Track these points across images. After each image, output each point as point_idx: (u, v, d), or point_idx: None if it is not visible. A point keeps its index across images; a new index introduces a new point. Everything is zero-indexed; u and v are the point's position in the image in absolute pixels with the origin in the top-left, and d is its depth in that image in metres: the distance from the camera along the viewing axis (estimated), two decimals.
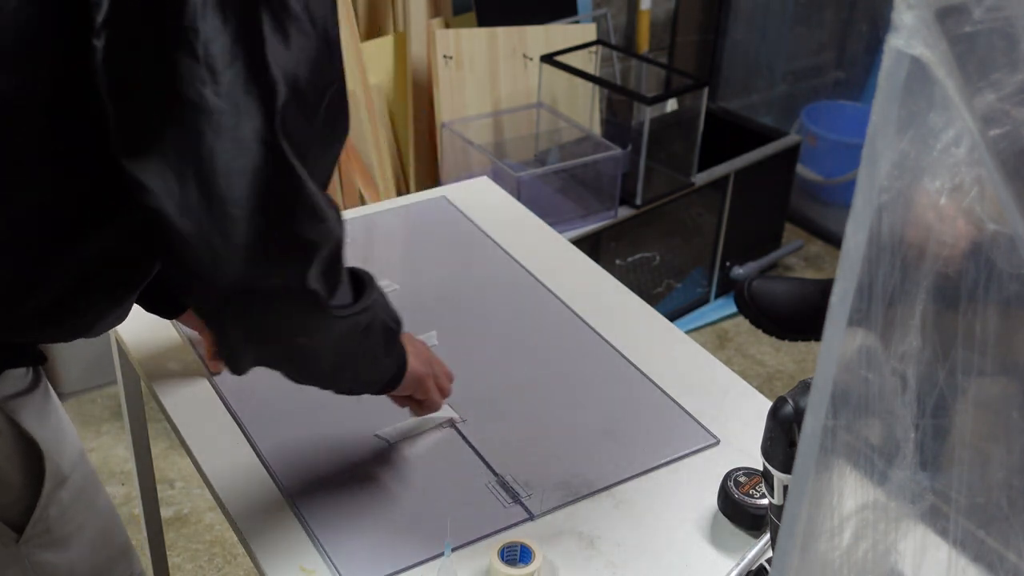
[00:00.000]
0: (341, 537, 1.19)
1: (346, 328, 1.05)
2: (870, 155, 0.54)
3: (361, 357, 1.14)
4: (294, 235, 0.95)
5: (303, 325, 1.02)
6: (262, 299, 0.96)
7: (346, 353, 1.10)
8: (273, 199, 0.92)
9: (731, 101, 3.53)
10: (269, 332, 1.02)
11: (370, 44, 2.67)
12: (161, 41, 0.88)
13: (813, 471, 0.60)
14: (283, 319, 1.00)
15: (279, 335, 1.03)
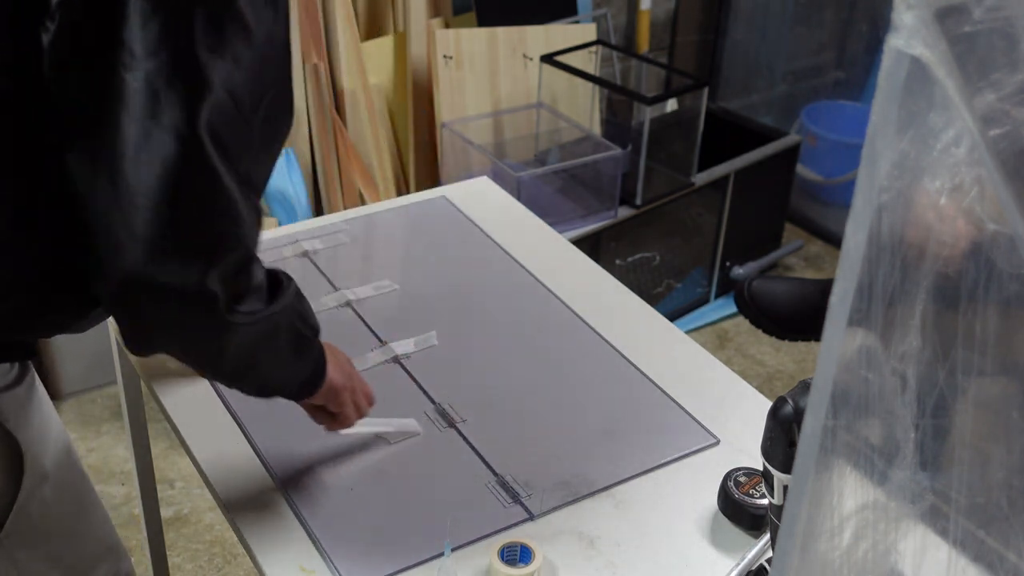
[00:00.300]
0: (341, 537, 1.19)
1: (249, 335, 1.03)
2: (870, 155, 0.54)
3: (266, 362, 1.10)
4: (200, 234, 0.93)
5: (199, 327, 0.99)
6: (158, 294, 0.93)
7: (247, 357, 1.07)
8: (183, 195, 0.90)
9: (731, 101, 3.53)
10: (164, 328, 1.00)
11: (370, 44, 2.67)
12: (96, 25, 0.88)
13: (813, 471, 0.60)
14: (177, 318, 0.97)
15: (173, 333, 1.01)
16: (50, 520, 1.18)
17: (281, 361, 1.11)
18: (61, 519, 1.19)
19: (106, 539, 1.28)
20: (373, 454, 1.31)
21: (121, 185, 0.89)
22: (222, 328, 0.99)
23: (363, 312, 1.56)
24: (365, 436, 1.34)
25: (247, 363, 1.08)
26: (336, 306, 1.57)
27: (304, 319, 1.13)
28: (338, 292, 1.59)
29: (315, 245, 1.70)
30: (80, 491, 1.24)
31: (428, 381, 1.43)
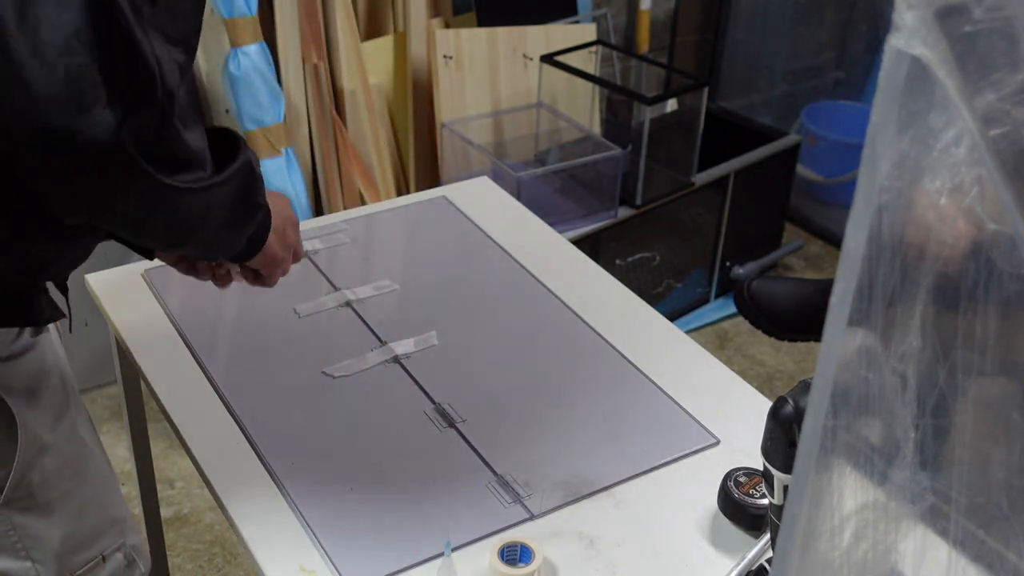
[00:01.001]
0: (341, 537, 1.19)
1: (188, 204, 1.01)
2: (870, 155, 0.54)
3: (203, 231, 1.09)
4: (108, 85, 0.90)
5: (121, 188, 0.97)
6: (70, 148, 0.91)
7: (183, 226, 1.05)
8: (87, 46, 0.88)
9: (731, 101, 3.53)
10: (83, 189, 0.97)
11: (370, 44, 2.67)
12: None
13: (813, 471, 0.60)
14: (95, 176, 0.95)
15: (94, 193, 0.98)
16: (50, 490, 1.19)
17: (219, 231, 1.10)
18: (62, 490, 1.20)
19: (112, 512, 1.28)
20: (373, 454, 1.31)
21: (20, 39, 0.86)
22: (154, 191, 0.97)
23: (363, 312, 1.56)
24: (365, 436, 1.34)
25: (183, 231, 1.06)
26: (336, 306, 1.57)
27: (249, 195, 1.12)
28: (338, 292, 1.59)
29: (315, 245, 1.70)
30: (84, 464, 1.24)
31: (428, 381, 1.43)
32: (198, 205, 1.03)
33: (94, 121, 0.90)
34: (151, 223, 1.03)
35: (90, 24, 0.88)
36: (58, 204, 1.00)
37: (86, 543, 1.25)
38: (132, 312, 1.51)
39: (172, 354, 1.46)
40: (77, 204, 1.00)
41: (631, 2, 3.29)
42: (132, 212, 1.01)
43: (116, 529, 1.29)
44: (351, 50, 2.59)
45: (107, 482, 1.29)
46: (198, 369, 1.43)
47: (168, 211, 1.01)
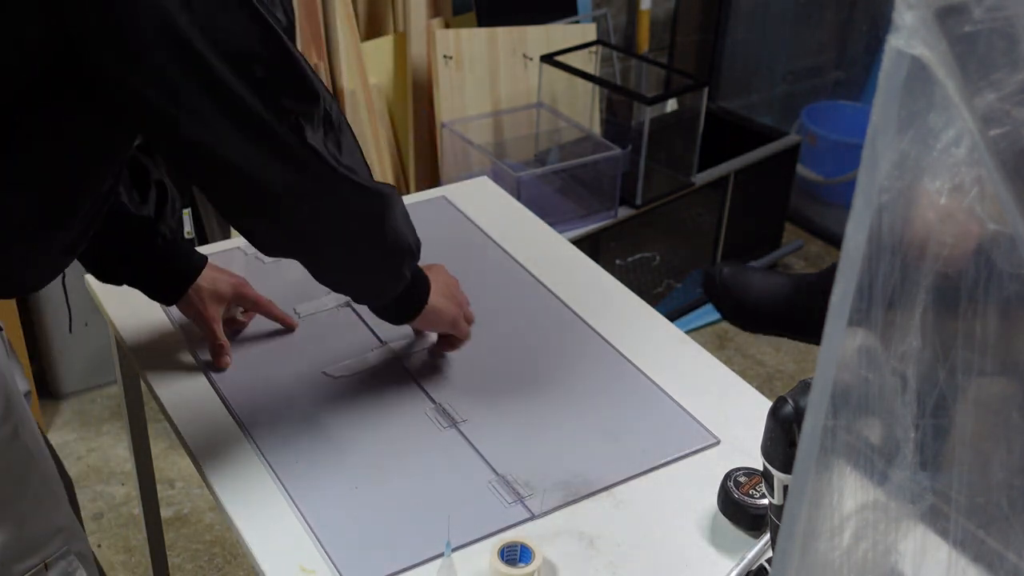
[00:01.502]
0: (341, 537, 1.19)
1: (356, 197, 1.14)
2: (870, 155, 0.54)
3: (365, 247, 1.22)
4: (282, 101, 1.05)
5: (307, 187, 1.11)
6: (258, 161, 1.06)
7: (351, 233, 1.19)
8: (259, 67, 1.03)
9: (731, 101, 3.53)
10: (272, 197, 1.10)
11: (370, 44, 2.67)
12: None
13: (813, 471, 0.60)
14: (284, 180, 1.09)
15: (281, 200, 1.11)
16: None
17: (383, 255, 1.25)
18: (3, 496, 1.20)
19: (56, 520, 1.28)
20: (374, 454, 1.31)
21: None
22: (332, 180, 1.11)
23: (363, 312, 1.56)
24: (365, 436, 1.34)
25: (354, 244, 1.21)
26: (336, 306, 1.57)
27: (409, 228, 1.29)
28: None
29: None
30: (26, 472, 1.24)
31: (428, 381, 1.43)
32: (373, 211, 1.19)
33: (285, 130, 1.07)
34: (326, 231, 1.17)
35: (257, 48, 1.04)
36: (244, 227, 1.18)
37: (27, 550, 1.23)
38: (132, 312, 1.51)
39: (172, 354, 1.46)
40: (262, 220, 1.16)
41: (631, 2, 3.29)
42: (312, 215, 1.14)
43: (60, 537, 1.27)
44: (351, 50, 2.59)
45: (52, 490, 1.28)
46: (198, 369, 1.43)
47: (337, 202, 1.15)
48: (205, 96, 1.02)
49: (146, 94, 1.01)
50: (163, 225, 1.35)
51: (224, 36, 1.00)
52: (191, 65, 1.00)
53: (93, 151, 1.12)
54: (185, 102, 1.02)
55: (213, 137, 1.04)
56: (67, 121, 1.07)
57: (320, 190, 1.12)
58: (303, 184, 1.11)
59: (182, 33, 0.98)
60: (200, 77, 1.01)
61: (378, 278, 1.29)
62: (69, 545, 1.29)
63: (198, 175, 1.14)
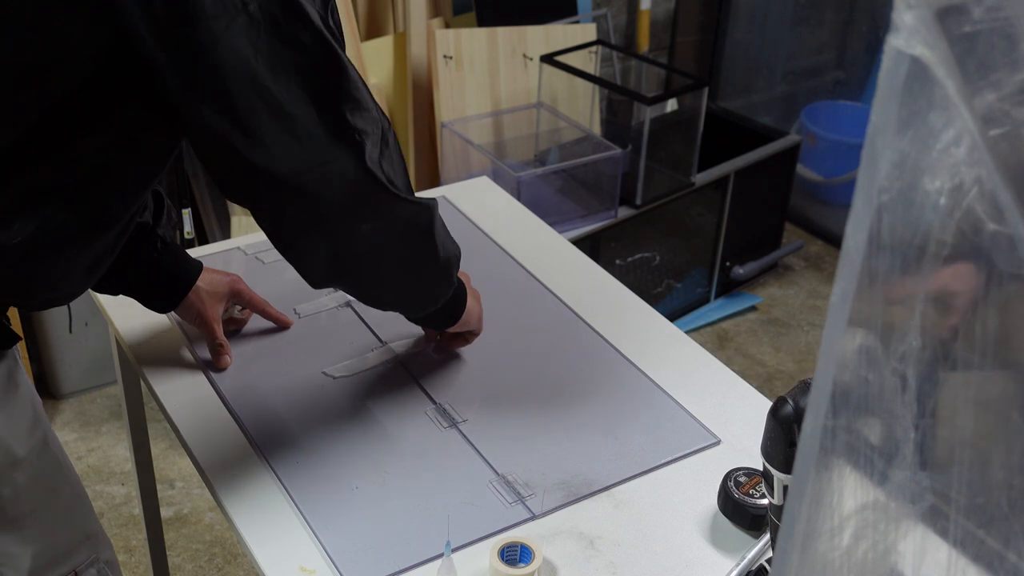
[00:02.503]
0: (341, 537, 1.19)
1: (407, 214, 1.17)
2: (870, 155, 0.54)
3: (419, 259, 1.24)
4: (345, 122, 1.07)
5: (365, 209, 1.13)
6: (320, 183, 1.08)
7: (405, 248, 1.21)
8: (321, 88, 1.04)
9: (731, 101, 3.53)
10: (331, 218, 1.12)
11: (370, 44, 2.67)
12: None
13: (813, 471, 0.60)
14: (349, 204, 1.11)
15: (340, 221, 1.13)
16: (22, 504, 1.19)
17: (431, 263, 1.27)
18: (34, 505, 1.20)
19: (85, 527, 1.28)
20: (374, 453, 1.31)
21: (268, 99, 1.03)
22: (388, 204, 1.14)
23: (363, 312, 1.56)
24: (365, 436, 1.34)
25: (404, 255, 1.22)
26: (336, 306, 1.57)
27: (450, 237, 1.30)
28: (338, 292, 1.59)
29: None
30: (56, 479, 1.24)
31: (428, 381, 1.43)
32: (420, 225, 1.21)
33: (345, 156, 1.09)
34: (378, 247, 1.19)
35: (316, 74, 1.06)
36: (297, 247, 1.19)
37: (58, 559, 1.24)
38: (132, 312, 1.51)
39: (172, 354, 1.46)
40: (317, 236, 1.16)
41: (631, 2, 3.29)
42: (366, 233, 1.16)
43: (89, 544, 1.28)
44: (351, 50, 2.58)
45: (79, 497, 1.29)
46: (198, 369, 1.43)
47: (395, 226, 1.18)
48: (269, 120, 1.04)
49: (209, 119, 1.03)
50: (160, 231, 1.35)
51: (287, 65, 1.02)
52: (257, 94, 1.02)
53: (140, 167, 1.13)
54: (248, 126, 1.03)
55: (273, 159, 1.06)
56: (121, 137, 1.07)
57: (375, 211, 1.14)
58: (360, 205, 1.13)
59: (252, 70, 1.00)
60: (265, 104, 1.02)
61: (431, 287, 1.31)
62: (97, 553, 1.30)
63: (252, 196, 1.14)
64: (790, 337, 2.97)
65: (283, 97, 1.02)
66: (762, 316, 3.06)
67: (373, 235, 1.16)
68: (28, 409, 1.20)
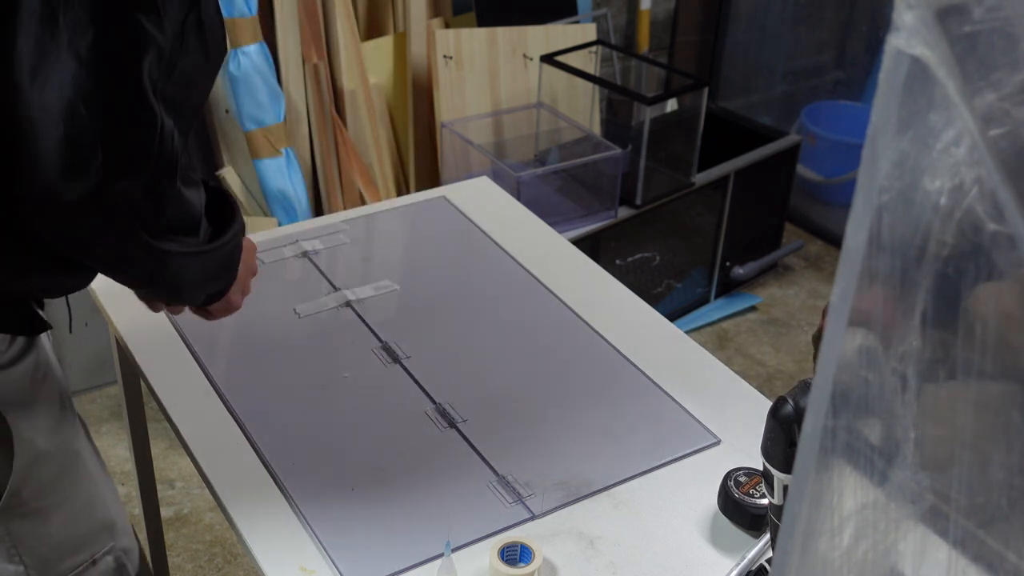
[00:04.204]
0: (341, 537, 1.19)
1: (180, 266, 1.08)
2: (870, 155, 0.54)
3: (187, 287, 1.16)
4: (105, 144, 0.95)
5: (117, 245, 1.03)
6: (57, 206, 0.96)
7: (163, 281, 1.12)
8: (92, 100, 0.93)
9: (731, 101, 3.53)
10: (82, 243, 1.03)
11: (370, 44, 2.67)
12: None
13: (813, 471, 0.60)
14: (90, 232, 1.01)
15: (92, 248, 1.04)
16: (45, 497, 1.20)
17: (193, 288, 1.17)
18: (57, 497, 1.21)
19: (103, 515, 1.29)
20: (374, 454, 1.31)
21: (30, 95, 0.91)
22: (147, 252, 1.03)
23: (363, 312, 1.56)
24: (365, 436, 1.34)
25: (160, 285, 1.13)
26: (336, 306, 1.57)
27: (230, 263, 1.18)
28: (338, 292, 1.59)
29: (315, 245, 1.70)
30: (78, 472, 1.25)
31: (428, 381, 1.43)
32: (185, 267, 1.09)
33: (82, 183, 0.95)
34: (131, 273, 1.11)
35: (101, 88, 0.93)
36: (48, 242, 1.05)
37: (76, 547, 1.25)
38: (132, 312, 1.51)
39: (172, 354, 1.46)
40: (61, 246, 1.05)
41: (631, 2, 3.29)
42: (113, 262, 1.08)
43: (107, 533, 1.29)
44: (351, 50, 2.59)
45: (99, 486, 1.29)
46: (198, 369, 1.43)
47: (151, 268, 1.08)
48: None
49: None
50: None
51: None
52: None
53: None
54: None
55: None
56: None
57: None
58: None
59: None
60: None
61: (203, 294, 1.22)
62: (115, 541, 1.31)
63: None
64: (790, 337, 2.97)
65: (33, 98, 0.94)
66: (762, 316, 3.06)
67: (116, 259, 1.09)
68: (55, 403, 1.21)
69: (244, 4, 2.34)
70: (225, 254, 1.15)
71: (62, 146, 0.92)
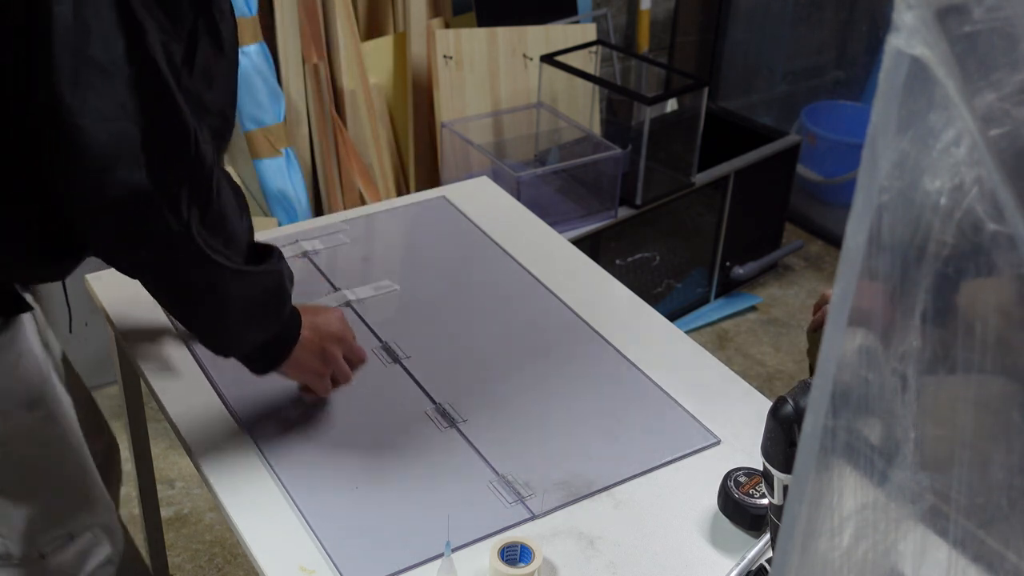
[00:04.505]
0: (341, 537, 1.19)
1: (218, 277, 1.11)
2: (870, 155, 0.54)
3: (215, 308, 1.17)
4: (144, 144, 1.01)
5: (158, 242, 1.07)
6: (105, 201, 1.02)
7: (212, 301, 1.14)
8: (130, 105, 1.00)
9: (731, 101, 3.53)
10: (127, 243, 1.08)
11: (370, 44, 2.67)
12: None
13: (813, 471, 0.60)
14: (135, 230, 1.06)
15: (136, 249, 1.09)
16: (22, 471, 1.23)
17: (243, 317, 1.18)
18: (35, 472, 1.23)
19: (84, 492, 1.31)
20: (374, 454, 1.31)
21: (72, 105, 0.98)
22: (187, 249, 1.07)
23: (363, 312, 1.56)
24: (365, 436, 1.34)
25: (215, 309, 1.15)
26: (336, 306, 1.57)
27: (276, 297, 1.20)
28: (338, 292, 1.59)
29: (315, 245, 1.70)
30: (60, 449, 1.26)
31: (428, 381, 1.43)
32: (225, 284, 1.12)
33: (129, 178, 1.01)
34: (169, 277, 1.13)
35: (135, 94, 1.00)
36: (97, 244, 1.11)
37: (55, 522, 1.27)
38: (132, 312, 1.51)
39: (172, 354, 1.46)
40: (109, 245, 1.10)
41: (631, 2, 3.29)
42: (154, 261, 1.11)
43: (87, 510, 1.31)
44: (351, 50, 2.59)
45: (82, 465, 1.31)
46: (198, 369, 1.43)
47: (192, 277, 1.11)
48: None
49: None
50: None
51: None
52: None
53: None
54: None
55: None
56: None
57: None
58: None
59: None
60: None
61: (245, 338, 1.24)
62: (95, 519, 1.32)
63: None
64: (790, 337, 2.97)
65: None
66: (762, 316, 3.06)
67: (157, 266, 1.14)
68: (33, 381, 1.22)
69: (244, 4, 2.34)
70: (269, 285, 1.17)
71: (106, 148, 0.98)
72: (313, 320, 1.27)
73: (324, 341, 1.28)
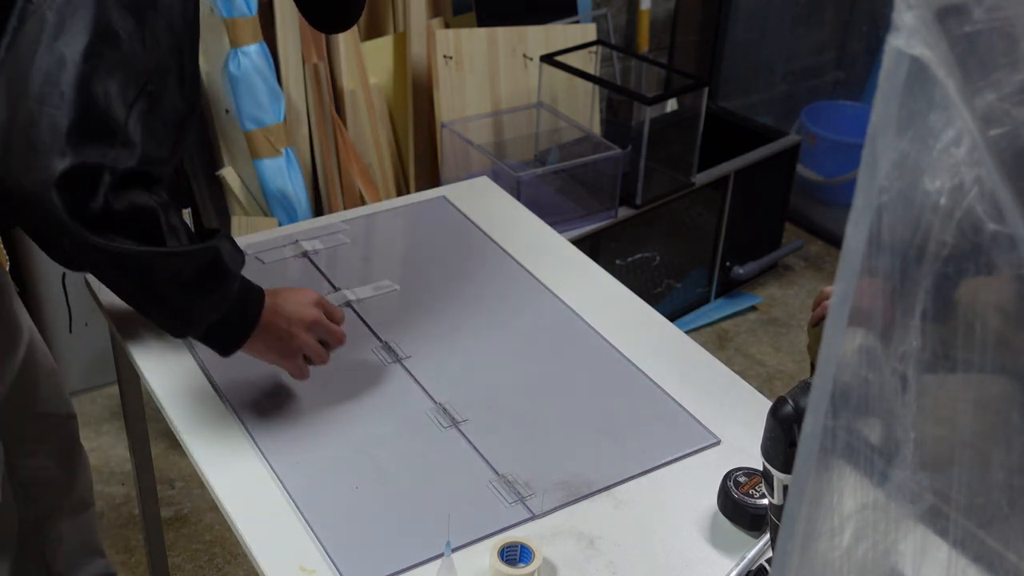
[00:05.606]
0: (341, 537, 1.19)
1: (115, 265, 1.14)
2: (870, 155, 0.54)
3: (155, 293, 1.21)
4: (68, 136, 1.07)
5: (57, 236, 1.11)
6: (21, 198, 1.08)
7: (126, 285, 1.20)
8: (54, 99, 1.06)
9: (731, 101, 3.52)
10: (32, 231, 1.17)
11: (370, 44, 2.67)
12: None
13: (813, 471, 0.60)
14: (30, 216, 1.13)
15: (37, 233, 1.17)
16: None
17: (179, 295, 1.21)
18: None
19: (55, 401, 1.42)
20: (374, 453, 1.31)
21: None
22: (80, 244, 1.10)
23: (363, 312, 1.56)
24: (365, 437, 1.34)
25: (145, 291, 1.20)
26: (336, 306, 1.57)
27: (213, 274, 1.21)
28: (338, 292, 1.59)
29: (315, 245, 1.70)
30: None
31: (429, 381, 1.43)
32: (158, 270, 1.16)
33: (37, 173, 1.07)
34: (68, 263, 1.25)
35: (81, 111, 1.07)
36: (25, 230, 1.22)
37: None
38: (132, 312, 1.51)
39: (172, 355, 1.46)
40: (36, 239, 1.19)
41: (631, 2, 3.29)
42: (71, 255, 1.19)
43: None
44: (351, 50, 2.59)
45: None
46: (198, 369, 1.43)
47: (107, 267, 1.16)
48: None
49: None
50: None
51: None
52: None
53: None
54: None
55: None
56: None
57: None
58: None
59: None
60: None
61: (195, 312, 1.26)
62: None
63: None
64: (790, 337, 2.97)
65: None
66: (762, 316, 3.06)
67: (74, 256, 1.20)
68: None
69: (244, 4, 2.34)
70: (202, 263, 1.19)
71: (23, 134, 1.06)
72: (281, 304, 1.29)
73: (292, 325, 1.30)
